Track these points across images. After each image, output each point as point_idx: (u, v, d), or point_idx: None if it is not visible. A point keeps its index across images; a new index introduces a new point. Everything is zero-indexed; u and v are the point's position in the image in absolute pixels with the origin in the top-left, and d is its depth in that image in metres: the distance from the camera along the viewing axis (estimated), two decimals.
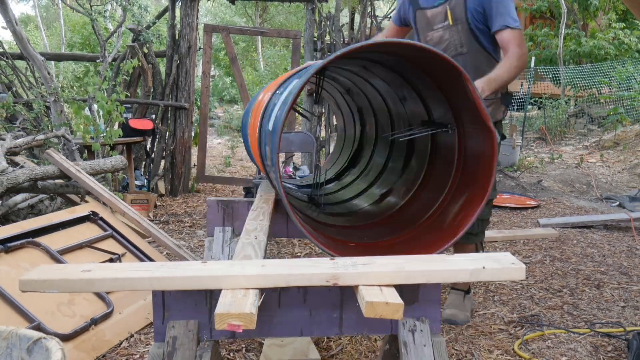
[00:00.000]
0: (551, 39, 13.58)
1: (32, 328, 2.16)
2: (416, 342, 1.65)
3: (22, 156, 4.66)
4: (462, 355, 2.50)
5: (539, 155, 10.00)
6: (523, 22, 16.04)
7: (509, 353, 2.54)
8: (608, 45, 12.61)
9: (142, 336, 2.64)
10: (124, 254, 3.12)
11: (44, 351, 1.23)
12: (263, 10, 22.75)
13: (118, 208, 3.55)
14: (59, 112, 5.33)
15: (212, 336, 1.66)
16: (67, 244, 2.91)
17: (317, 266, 1.57)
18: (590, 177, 7.99)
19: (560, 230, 4.89)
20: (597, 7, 13.15)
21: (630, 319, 2.97)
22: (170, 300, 1.64)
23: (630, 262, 4.01)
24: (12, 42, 9.43)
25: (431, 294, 1.70)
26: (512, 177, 7.42)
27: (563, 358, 2.50)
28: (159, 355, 1.61)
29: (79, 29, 15.58)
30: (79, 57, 11.30)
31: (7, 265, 2.59)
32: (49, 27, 23.51)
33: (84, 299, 2.62)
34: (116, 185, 5.35)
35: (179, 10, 6.23)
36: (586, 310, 3.07)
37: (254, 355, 2.47)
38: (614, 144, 10.20)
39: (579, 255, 4.16)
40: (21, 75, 6.66)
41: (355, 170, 3.52)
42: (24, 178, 3.59)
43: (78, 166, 3.87)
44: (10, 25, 5.69)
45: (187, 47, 6.15)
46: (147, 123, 6.00)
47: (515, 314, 3.01)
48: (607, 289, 3.43)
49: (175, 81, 6.22)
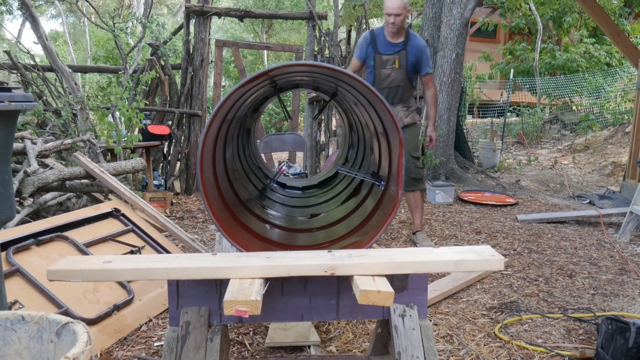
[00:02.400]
0: (528, 52, 13.57)
1: (60, 313, 2.16)
2: (405, 326, 1.65)
3: (52, 158, 4.66)
4: (448, 338, 2.50)
5: (517, 158, 10.00)
6: (503, 37, 16.04)
7: (490, 336, 2.54)
8: (580, 58, 12.60)
9: (159, 320, 2.64)
10: (144, 247, 3.12)
11: (71, 334, 1.22)
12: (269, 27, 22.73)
13: (138, 205, 3.55)
14: (84, 119, 5.33)
15: (221, 321, 1.67)
16: (92, 238, 2.91)
17: (316, 258, 1.57)
18: (564, 178, 7.99)
19: (536, 226, 4.89)
20: (570, 24, 13.13)
21: (600, 305, 2.97)
22: (183, 288, 1.64)
23: (600, 254, 4.01)
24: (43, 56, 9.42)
25: (419, 283, 1.71)
26: (492, 178, 7.42)
27: (539, 340, 2.50)
28: (174, 339, 1.61)
29: (103, 43, 15.53)
30: (103, 69, 11.28)
31: (38, 256, 2.59)
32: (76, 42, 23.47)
33: (107, 287, 2.62)
34: (136, 184, 5.35)
35: (193, 27, 6.23)
36: (560, 297, 3.07)
37: (260, 337, 2.47)
38: (584, 148, 10.20)
39: (554, 247, 4.16)
40: (51, 86, 6.67)
41: (333, 182, 3.65)
42: (53, 178, 3.59)
43: (102, 167, 3.88)
44: (41, 40, 5.69)
45: (200, 60, 6.15)
46: (164, 129, 6.00)
47: (496, 300, 3.01)
48: (578, 278, 3.43)
49: (190, 91, 6.22)
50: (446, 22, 6.84)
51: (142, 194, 4.72)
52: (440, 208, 5.63)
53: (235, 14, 6.47)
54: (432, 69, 3.96)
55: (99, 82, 15.37)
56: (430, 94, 3.90)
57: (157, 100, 6.68)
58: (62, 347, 1.25)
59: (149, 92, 6.64)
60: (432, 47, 7.29)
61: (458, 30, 6.77)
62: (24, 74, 6.58)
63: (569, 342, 2.49)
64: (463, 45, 6.90)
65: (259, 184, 3.42)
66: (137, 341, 2.42)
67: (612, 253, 4.03)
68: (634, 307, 2.94)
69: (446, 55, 6.84)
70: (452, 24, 6.78)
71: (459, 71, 6.99)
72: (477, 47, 14.82)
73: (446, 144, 6.98)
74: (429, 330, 1.68)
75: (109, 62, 14.48)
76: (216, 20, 9.95)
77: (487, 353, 2.35)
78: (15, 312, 1.32)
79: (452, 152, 7.20)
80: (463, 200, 5.97)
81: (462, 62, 7.08)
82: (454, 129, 7.14)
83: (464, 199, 5.99)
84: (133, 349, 2.34)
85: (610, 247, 4.19)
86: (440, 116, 6.87)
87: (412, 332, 1.64)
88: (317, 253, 1.64)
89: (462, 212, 5.46)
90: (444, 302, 2.97)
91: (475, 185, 6.93)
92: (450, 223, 4.96)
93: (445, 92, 6.87)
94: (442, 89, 6.85)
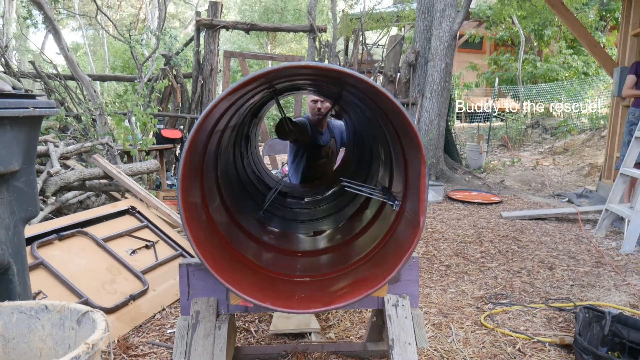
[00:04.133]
0: (512, 62, 13.57)
1: (80, 303, 2.16)
2: (398, 315, 1.65)
3: (73, 160, 4.65)
4: (437, 326, 2.50)
5: (501, 160, 9.99)
6: (488, 49, 16.03)
7: (477, 324, 2.53)
8: (559, 68, 12.61)
9: (172, 309, 2.64)
10: (157, 241, 3.12)
11: (91, 322, 1.22)
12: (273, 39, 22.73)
13: (152, 203, 3.55)
14: (103, 124, 5.33)
15: (228, 310, 1.66)
16: (110, 233, 2.91)
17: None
18: (544, 178, 7.98)
19: (519, 222, 4.89)
20: (550, 37, 13.14)
21: (578, 295, 2.97)
22: (194, 280, 1.64)
23: (577, 248, 4.01)
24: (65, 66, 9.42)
25: (411, 275, 1.70)
26: (479, 178, 7.41)
27: (522, 327, 2.50)
28: (185, 327, 1.61)
29: (120, 54, 15.52)
30: (120, 78, 11.30)
31: (61, 250, 2.59)
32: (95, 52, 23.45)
33: (124, 279, 2.61)
34: (151, 184, 5.34)
35: (203, 39, 6.23)
36: (541, 288, 3.07)
37: (265, 325, 2.46)
38: (564, 150, 10.19)
39: (535, 242, 4.16)
40: (72, 93, 6.66)
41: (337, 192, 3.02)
42: (74, 178, 3.59)
43: (119, 168, 3.87)
44: (63, 51, 5.68)
45: (210, 70, 6.15)
46: (177, 133, 6.00)
47: (482, 291, 3.01)
48: (558, 270, 3.43)
49: (200, 98, 6.22)
50: (436, 34, 6.84)
51: (156, 192, 4.71)
52: (430, 206, 5.63)
53: (242, 27, 6.47)
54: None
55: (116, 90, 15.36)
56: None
57: (170, 106, 6.68)
58: (83, 334, 1.25)
59: (162, 99, 6.64)
60: (424, 58, 7.29)
61: (447, 42, 6.77)
62: (47, 82, 6.58)
63: (549, 329, 2.49)
64: (452, 55, 6.90)
65: (258, 196, 2.84)
66: (152, 328, 2.42)
67: (589, 247, 4.02)
68: (609, 297, 2.94)
69: (436, 65, 6.84)
70: (441, 36, 6.78)
71: (448, 80, 6.99)
72: (464, 58, 14.83)
73: (436, 146, 6.98)
74: (420, 319, 1.68)
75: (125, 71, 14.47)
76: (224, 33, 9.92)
77: (473, 340, 2.35)
78: (39, 301, 1.32)
79: (442, 154, 7.20)
80: (452, 199, 5.97)
81: (451, 71, 7.08)
82: (443, 133, 7.13)
83: (452, 198, 5.99)
84: (148, 335, 2.34)
85: (587, 242, 4.18)
86: (430, 121, 6.86)
87: (404, 320, 1.64)
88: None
89: (451, 210, 5.46)
90: (434, 292, 2.97)
91: (463, 184, 6.93)
92: (440, 220, 4.95)
93: (435, 99, 6.86)
94: (433, 96, 6.84)
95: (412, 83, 7.25)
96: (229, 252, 1.75)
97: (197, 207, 1.62)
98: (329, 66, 1.44)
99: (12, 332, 1.30)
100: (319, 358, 2.06)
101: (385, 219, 2.00)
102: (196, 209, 1.59)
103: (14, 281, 1.64)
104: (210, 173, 1.91)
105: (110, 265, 2.65)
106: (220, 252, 1.65)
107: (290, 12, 20.29)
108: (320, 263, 2.10)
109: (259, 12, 20.90)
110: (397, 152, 1.83)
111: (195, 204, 1.57)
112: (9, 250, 1.61)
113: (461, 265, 3.49)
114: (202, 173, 1.70)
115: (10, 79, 1.71)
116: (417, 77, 7.23)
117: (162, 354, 2.17)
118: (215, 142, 1.88)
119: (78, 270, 2.50)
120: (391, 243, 1.78)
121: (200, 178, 1.68)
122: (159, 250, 3.02)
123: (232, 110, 1.81)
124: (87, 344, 1.07)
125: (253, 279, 1.69)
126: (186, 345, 1.58)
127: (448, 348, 2.25)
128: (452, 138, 8.21)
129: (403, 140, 1.65)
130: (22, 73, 6.90)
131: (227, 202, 2.10)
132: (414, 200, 1.62)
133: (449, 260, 3.60)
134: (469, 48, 15.35)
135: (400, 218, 1.80)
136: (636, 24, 5.62)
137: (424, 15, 7.28)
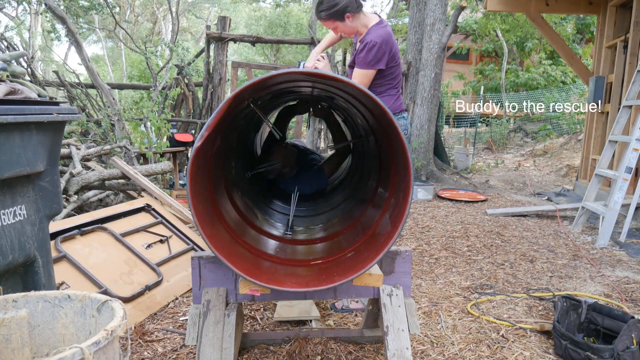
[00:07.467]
0: (496, 72, 13.57)
1: (100, 293, 2.16)
2: (393, 304, 1.65)
3: (93, 162, 4.65)
4: (428, 314, 2.50)
5: (486, 161, 9.99)
6: (475, 59, 16.01)
7: (464, 312, 2.53)
8: (539, 77, 12.61)
9: (184, 299, 2.64)
10: (171, 237, 3.11)
11: (110, 310, 1.22)
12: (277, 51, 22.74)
13: (166, 201, 3.55)
14: (121, 128, 5.32)
15: (237, 299, 1.66)
16: (128, 229, 2.91)
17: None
18: (526, 178, 7.98)
19: (502, 218, 4.89)
20: (531, 49, 13.12)
21: (556, 285, 2.96)
22: (205, 272, 1.64)
23: (556, 242, 4.01)
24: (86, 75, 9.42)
25: (404, 267, 1.70)
26: (466, 178, 7.41)
27: (505, 315, 2.50)
28: (197, 314, 1.61)
29: (137, 64, 15.51)
30: (136, 86, 11.30)
31: (82, 244, 2.59)
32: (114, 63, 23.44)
33: (140, 270, 2.61)
34: (165, 184, 5.34)
35: (212, 51, 6.22)
36: (522, 279, 3.07)
37: (269, 313, 2.46)
38: (543, 152, 10.19)
39: (517, 237, 4.16)
40: (92, 100, 6.66)
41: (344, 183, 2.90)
42: (94, 178, 3.59)
43: (136, 169, 3.87)
44: (84, 62, 5.68)
45: (219, 79, 6.15)
46: (188, 136, 5.99)
47: (469, 282, 3.00)
48: (538, 263, 3.43)
49: (210, 105, 6.22)
50: (426, 46, 6.84)
51: (169, 192, 4.71)
52: (421, 204, 5.62)
53: (249, 40, 6.47)
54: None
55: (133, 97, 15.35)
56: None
57: (182, 112, 6.68)
58: (102, 321, 1.25)
59: (175, 106, 6.64)
60: (415, 68, 7.28)
61: (437, 53, 6.77)
62: (69, 90, 6.57)
63: (530, 317, 2.49)
64: (441, 66, 6.91)
65: (260, 193, 2.66)
66: (166, 316, 2.41)
67: (567, 242, 4.02)
68: (585, 287, 2.94)
69: (426, 74, 6.84)
70: (431, 48, 6.77)
71: (438, 88, 6.99)
72: (452, 68, 14.81)
73: (426, 149, 6.98)
74: (412, 307, 1.67)
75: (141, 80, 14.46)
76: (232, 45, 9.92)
77: (461, 326, 2.35)
78: (62, 291, 1.32)
79: (432, 156, 7.19)
80: (441, 197, 5.97)
81: (440, 80, 7.08)
82: (433, 137, 7.13)
83: (441, 196, 5.99)
84: (162, 322, 2.33)
85: (565, 237, 4.18)
86: (421, 126, 6.86)
87: (398, 308, 1.64)
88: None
89: (440, 207, 5.45)
90: (424, 283, 2.97)
91: (451, 184, 6.92)
92: (430, 216, 4.95)
93: (426, 106, 6.86)
94: (423, 103, 6.84)
95: (405, 91, 7.24)
96: (237, 242, 1.73)
97: (207, 204, 1.59)
98: (302, 70, 1.42)
99: (38, 319, 1.30)
100: (319, 343, 2.05)
101: (377, 205, 1.94)
102: (206, 205, 1.57)
103: (39, 272, 1.63)
104: (218, 173, 1.88)
105: (127, 258, 2.65)
106: (229, 243, 1.62)
107: (292, 26, 20.26)
108: (316, 250, 2.06)
109: (264, 26, 20.87)
110: (385, 149, 1.80)
111: (204, 200, 1.55)
112: (35, 244, 1.61)
113: (449, 258, 3.49)
114: (209, 173, 1.68)
115: (36, 88, 1.71)
116: (409, 86, 7.22)
117: (175, 339, 2.17)
118: (221, 144, 1.86)
119: (98, 262, 2.50)
120: (383, 225, 1.68)
121: (208, 177, 1.67)
122: (172, 245, 3.02)
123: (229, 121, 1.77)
124: (106, 330, 1.07)
125: (259, 266, 1.65)
126: (198, 331, 1.58)
127: (437, 334, 2.25)
128: (441, 141, 8.21)
129: (389, 135, 1.60)
130: (47, 82, 6.89)
131: (236, 201, 2.09)
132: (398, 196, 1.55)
133: (439, 254, 3.60)
134: (457, 59, 15.32)
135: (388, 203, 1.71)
136: (610, 37, 5.62)
137: (415, 28, 7.29)
